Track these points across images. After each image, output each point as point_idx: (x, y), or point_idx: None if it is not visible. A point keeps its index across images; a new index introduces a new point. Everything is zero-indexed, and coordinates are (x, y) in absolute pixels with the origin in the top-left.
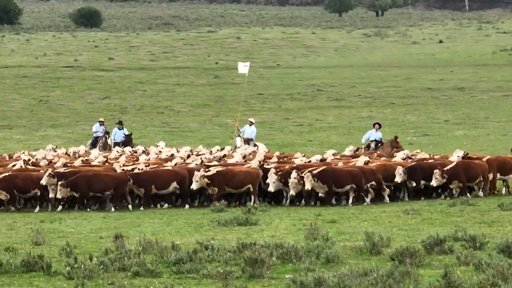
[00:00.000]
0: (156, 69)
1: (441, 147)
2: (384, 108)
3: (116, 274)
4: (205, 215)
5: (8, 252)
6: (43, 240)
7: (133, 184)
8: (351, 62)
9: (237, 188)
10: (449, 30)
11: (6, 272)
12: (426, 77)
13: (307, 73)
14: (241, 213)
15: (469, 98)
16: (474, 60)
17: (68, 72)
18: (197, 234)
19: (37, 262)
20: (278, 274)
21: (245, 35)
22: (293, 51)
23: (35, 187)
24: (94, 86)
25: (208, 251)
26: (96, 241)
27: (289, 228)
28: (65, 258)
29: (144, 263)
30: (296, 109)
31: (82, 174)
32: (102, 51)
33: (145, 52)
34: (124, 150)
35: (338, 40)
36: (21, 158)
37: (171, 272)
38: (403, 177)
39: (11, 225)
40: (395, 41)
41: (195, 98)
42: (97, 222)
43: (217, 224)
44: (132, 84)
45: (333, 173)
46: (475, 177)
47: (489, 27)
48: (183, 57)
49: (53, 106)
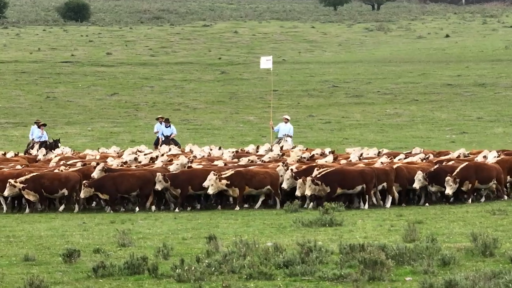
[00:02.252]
0: (158, 64)
1: (485, 145)
2: (408, 104)
3: (230, 277)
4: (279, 215)
5: (99, 254)
6: (129, 242)
7: (170, 185)
8: (359, 57)
9: (258, 188)
10: (453, 24)
11: (110, 274)
12: (442, 73)
13: (316, 68)
14: (318, 214)
15: (493, 94)
16: (487, 55)
17: (67, 68)
18: (283, 235)
19: (141, 264)
20: (397, 277)
21: (243, 29)
22: (296, 46)
23: (63, 187)
24: (98, 82)
25: (315, 253)
26: (181, 242)
27: (377, 229)
28: (163, 259)
29: (256, 265)
30: (316, 106)
31: (109, 175)
32: (97, 46)
33: (143, 47)
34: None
35: (340, 35)
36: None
37: (284, 275)
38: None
39: (82, 226)
40: (399, 36)
41: (207, 95)
42: (170, 223)
43: (301, 225)
44: (137, 80)
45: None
46: (489, 179)
47: (494, 21)
48: (183, 52)
49: (61, 103)
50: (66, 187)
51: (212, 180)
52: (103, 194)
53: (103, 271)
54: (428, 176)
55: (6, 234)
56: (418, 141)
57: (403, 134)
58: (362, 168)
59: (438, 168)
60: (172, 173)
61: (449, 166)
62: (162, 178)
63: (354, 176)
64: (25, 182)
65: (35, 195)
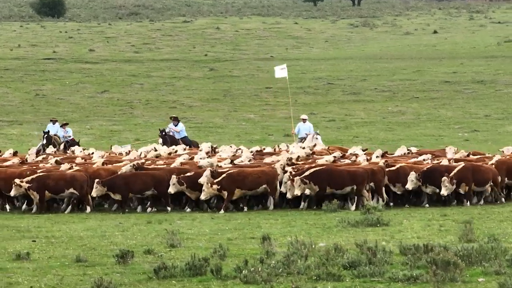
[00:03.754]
0: (144, 61)
1: (501, 144)
2: (409, 102)
3: (299, 278)
4: (319, 215)
5: (150, 255)
6: (178, 242)
7: (186, 187)
8: (349, 54)
9: (252, 189)
10: (439, 20)
11: (172, 276)
12: (437, 70)
13: (307, 65)
14: (360, 214)
15: (494, 91)
16: (480, 52)
17: (51, 65)
18: (331, 235)
19: (203, 265)
20: (469, 278)
21: (224, 26)
22: (282, 43)
23: (69, 187)
24: (85, 80)
25: (380, 254)
26: (229, 243)
27: (427, 229)
28: (219, 260)
29: (325, 266)
30: (314, 103)
31: (121, 174)
32: (78, 42)
33: (125, 44)
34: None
35: (324, 31)
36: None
37: (352, 276)
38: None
39: (119, 226)
40: (386, 32)
41: (200, 92)
42: (210, 223)
43: (347, 224)
44: (125, 77)
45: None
46: (485, 181)
47: (481, 16)
48: (167, 48)
49: (51, 101)
50: (73, 187)
51: (204, 186)
52: (115, 194)
53: (165, 272)
54: (421, 176)
55: (45, 235)
56: (430, 139)
57: (413, 132)
58: (354, 169)
59: (432, 168)
60: (188, 175)
61: (444, 166)
62: (177, 181)
63: (343, 176)
64: (30, 182)
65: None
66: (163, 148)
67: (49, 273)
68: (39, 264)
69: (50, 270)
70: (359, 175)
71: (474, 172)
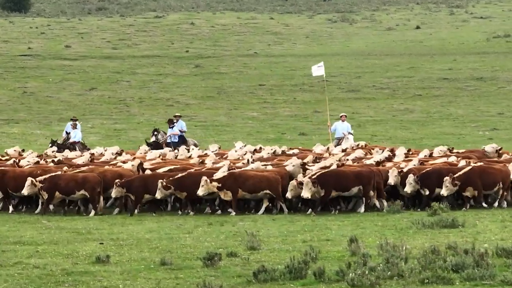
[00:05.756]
0: (124, 58)
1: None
2: (412, 100)
3: (407, 281)
4: (383, 216)
5: (234, 257)
6: (258, 244)
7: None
8: (334, 50)
9: (252, 192)
10: (419, 15)
11: (272, 279)
12: (431, 66)
13: (295, 62)
14: (426, 215)
15: (497, 89)
16: (470, 48)
17: (29, 61)
18: (408, 237)
19: (303, 268)
20: None
21: (199, 21)
22: (262, 38)
23: (80, 189)
24: (69, 77)
25: (476, 256)
26: (307, 244)
27: (505, 230)
28: (313, 263)
29: (435, 268)
30: (314, 101)
31: (140, 176)
32: (51, 38)
33: (100, 40)
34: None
35: (303, 26)
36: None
37: (461, 279)
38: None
39: (181, 228)
40: (366, 27)
41: (192, 89)
42: (275, 225)
43: (422, 226)
44: (109, 74)
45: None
46: (493, 184)
47: (461, 11)
48: (145, 45)
49: (41, 98)
50: (84, 188)
51: (202, 181)
52: (134, 194)
53: (265, 275)
54: (420, 179)
55: (109, 237)
56: (452, 138)
57: (431, 131)
58: (359, 170)
59: (432, 170)
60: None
61: (445, 169)
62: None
63: (349, 178)
64: (42, 182)
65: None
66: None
67: (139, 277)
68: (123, 267)
69: (138, 274)
70: (365, 175)
71: (483, 175)
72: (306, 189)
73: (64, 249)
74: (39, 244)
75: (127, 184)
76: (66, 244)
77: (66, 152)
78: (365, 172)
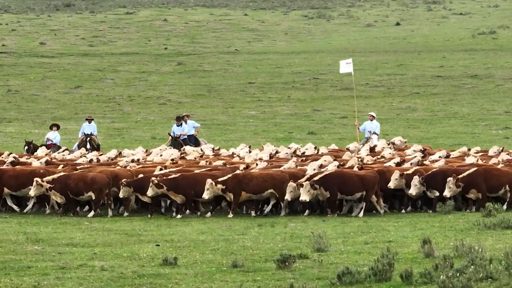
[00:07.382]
0: (102, 55)
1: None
2: (410, 98)
3: (500, 283)
4: (434, 217)
5: (304, 259)
6: (325, 246)
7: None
8: (317, 47)
9: (257, 193)
10: (396, 11)
11: (357, 281)
12: (421, 64)
13: (279, 59)
14: (480, 216)
15: (495, 86)
16: (456, 45)
17: (5, 59)
18: (474, 238)
19: (387, 270)
20: None
21: (171, 17)
22: (240, 35)
23: (89, 190)
24: (50, 75)
25: None
26: (368, 246)
27: None
28: (386, 266)
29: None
30: (309, 99)
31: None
32: (23, 35)
33: (73, 37)
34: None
35: (279, 23)
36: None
37: None
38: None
39: (232, 229)
40: (344, 24)
41: (180, 88)
42: (327, 226)
43: (484, 227)
44: (91, 72)
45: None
46: (499, 186)
47: (439, 8)
48: (121, 42)
49: (27, 97)
50: (92, 190)
51: (207, 184)
52: (143, 195)
53: (350, 277)
54: (425, 180)
55: (162, 239)
56: (466, 137)
57: (441, 129)
58: (363, 173)
59: (437, 171)
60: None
61: (452, 170)
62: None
63: (354, 181)
64: (52, 182)
65: (62, 197)
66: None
67: (215, 279)
68: (194, 269)
69: (212, 276)
70: (370, 179)
71: (487, 177)
72: (305, 192)
73: (121, 251)
74: (93, 246)
75: (134, 183)
76: (122, 246)
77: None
78: (369, 177)
